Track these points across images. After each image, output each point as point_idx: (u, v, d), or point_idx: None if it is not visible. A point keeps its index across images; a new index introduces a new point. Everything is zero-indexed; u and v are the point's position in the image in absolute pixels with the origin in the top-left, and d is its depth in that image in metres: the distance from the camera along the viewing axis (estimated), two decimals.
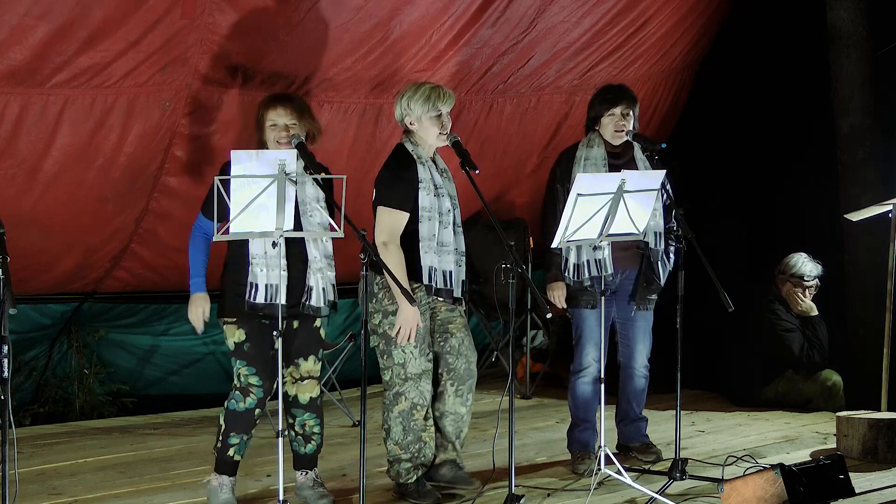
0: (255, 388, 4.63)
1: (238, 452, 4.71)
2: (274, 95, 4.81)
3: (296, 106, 4.69)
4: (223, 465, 4.72)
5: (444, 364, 4.87)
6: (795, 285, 6.75)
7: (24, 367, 6.56)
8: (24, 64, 4.98)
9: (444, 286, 4.75)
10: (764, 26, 7.51)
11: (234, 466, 4.74)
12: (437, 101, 4.73)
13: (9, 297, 3.74)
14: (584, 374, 5.34)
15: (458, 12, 6.02)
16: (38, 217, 5.62)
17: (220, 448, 4.70)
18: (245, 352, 4.63)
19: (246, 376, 4.63)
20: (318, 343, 4.78)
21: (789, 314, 6.79)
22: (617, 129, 5.25)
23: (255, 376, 4.63)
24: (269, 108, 4.66)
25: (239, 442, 4.69)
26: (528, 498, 4.78)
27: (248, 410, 4.65)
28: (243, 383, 4.64)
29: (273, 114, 4.64)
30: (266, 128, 4.65)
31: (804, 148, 7.29)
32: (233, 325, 4.63)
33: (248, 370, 4.63)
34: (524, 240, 7.49)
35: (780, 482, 4.38)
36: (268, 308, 4.55)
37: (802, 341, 6.72)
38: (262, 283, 4.54)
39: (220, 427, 4.71)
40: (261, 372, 4.63)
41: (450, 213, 4.77)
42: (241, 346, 4.63)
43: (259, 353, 4.62)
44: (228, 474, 4.72)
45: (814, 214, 7.13)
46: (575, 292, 5.29)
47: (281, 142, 4.60)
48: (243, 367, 4.63)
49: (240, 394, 4.64)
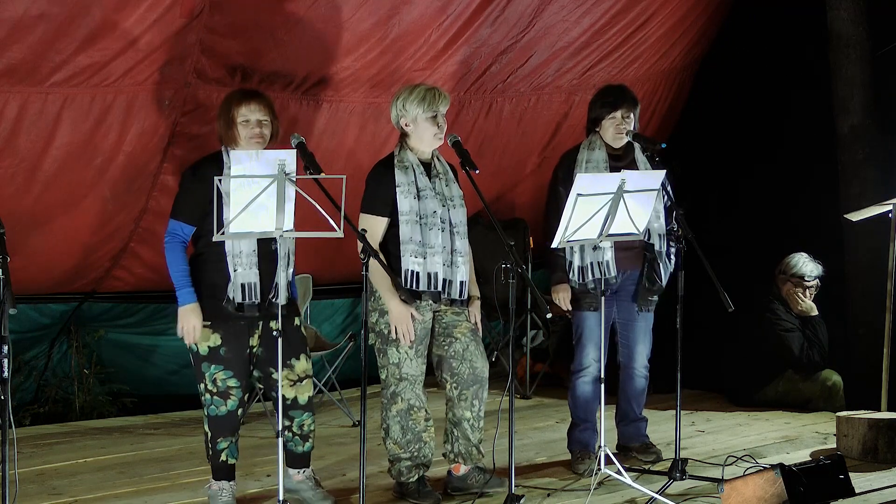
0: (234, 389, 4.60)
1: (230, 456, 4.68)
2: (244, 90, 4.70)
3: (267, 102, 4.60)
4: (219, 471, 4.70)
5: (447, 369, 4.86)
6: (796, 285, 6.75)
7: (24, 366, 6.56)
8: (23, 62, 4.98)
9: (430, 288, 4.73)
10: (764, 26, 7.51)
11: (230, 470, 4.71)
12: (433, 101, 4.72)
13: (9, 297, 3.73)
14: (584, 373, 5.33)
15: (457, 11, 6.02)
16: (38, 216, 5.62)
17: (212, 455, 4.68)
18: (222, 356, 4.56)
19: (224, 380, 4.57)
20: (304, 340, 4.75)
21: (789, 314, 6.79)
22: (618, 133, 5.25)
23: (232, 379, 4.58)
24: (241, 104, 4.54)
25: (228, 445, 4.66)
26: (528, 498, 4.78)
27: (231, 413, 4.62)
28: (221, 388, 4.58)
29: (245, 109, 4.52)
30: (237, 123, 4.53)
31: (804, 148, 7.28)
32: (206, 329, 4.55)
33: (226, 374, 4.57)
34: (524, 240, 7.49)
35: (780, 482, 4.38)
36: (249, 309, 4.49)
37: (802, 341, 6.72)
38: (238, 281, 4.48)
39: (206, 434, 4.68)
40: (238, 374, 4.59)
41: (436, 214, 4.73)
42: (217, 351, 4.56)
43: (236, 357, 4.57)
44: (226, 479, 4.70)
45: (814, 214, 7.13)
46: (579, 295, 5.28)
47: (253, 139, 4.51)
48: (219, 371, 4.57)
49: (219, 398, 4.59)
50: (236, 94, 4.64)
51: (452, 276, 4.78)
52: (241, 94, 4.61)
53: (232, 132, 4.56)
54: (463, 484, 4.96)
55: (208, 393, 4.60)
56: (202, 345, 4.56)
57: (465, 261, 4.85)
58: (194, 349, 4.58)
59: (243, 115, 4.53)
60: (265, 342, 4.64)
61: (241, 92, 4.67)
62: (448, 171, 4.90)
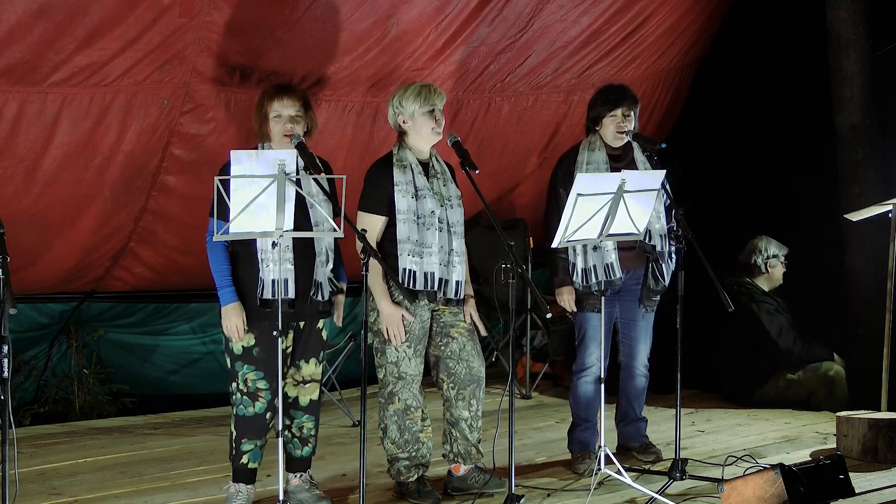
0: (263, 391, 4.58)
1: (253, 460, 4.65)
2: (279, 86, 4.69)
3: (300, 96, 4.60)
4: (238, 473, 4.68)
5: (444, 368, 4.86)
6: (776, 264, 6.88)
7: (24, 366, 6.56)
8: (22, 62, 4.98)
9: (426, 287, 4.73)
10: (763, 26, 7.51)
11: (251, 475, 4.69)
12: (429, 95, 4.73)
13: (9, 296, 3.72)
14: (586, 373, 5.33)
15: (456, 11, 6.02)
16: (37, 216, 5.61)
17: (234, 456, 4.66)
18: (255, 357, 4.55)
19: (254, 381, 4.56)
20: (320, 345, 4.74)
21: (766, 295, 6.84)
22: (619, 131, 5.24)
23: (262, 380, 4.57)
24: (273, 99, 4.55)
25: (252, 448, 4.63)
26: (528, 498, 4.78)
27: (259, 415, 4.60)
28: (251, 388, 4.57)
29: (278, 104, 4.54)
30: (270, 119, 4.54)
31: (804, 148, 7.28)
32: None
33: (257, 374, 4.56)
34: (524, 240, 7.49)
35: (780, 482, 4.37)
36: (280, 305, 4.44)
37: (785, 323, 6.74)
38: (268, 278, 4.46)
39: (231, 434, 4.66)
40: (268, 376, 4.56)
41: (434, 214, 4.73)
42: (251, 352, 4.55)
43: (268, 358, 4.54)
44: (245, 482, 4.68)
45: (814, 214, 7.13)
46: (582, 296, 5.28)
47: (286, 133, 4.51)
48: (251, 371, 4.56)
49: (248, 399, 4.58)
50: (270, 89, 4.64)
51: (449, 275, 4.78)
52: (275, 90, 4.60)
53: (265, 128, 4.56)
54: (463, 484, 4.95)
55: (239, 392, 4.58)
56: (237, 344, 4.55)
57: (462, 260, 4.84)
58: (230, 347, 4.58)
59: (276, 111, 4.53)
60: (296, 339, 4.63)
61: (275, 87, 4.66)
62: (446, 171, 4.89)
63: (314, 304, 4.58)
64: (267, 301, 4.47)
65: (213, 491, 5.05)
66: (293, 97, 4.56)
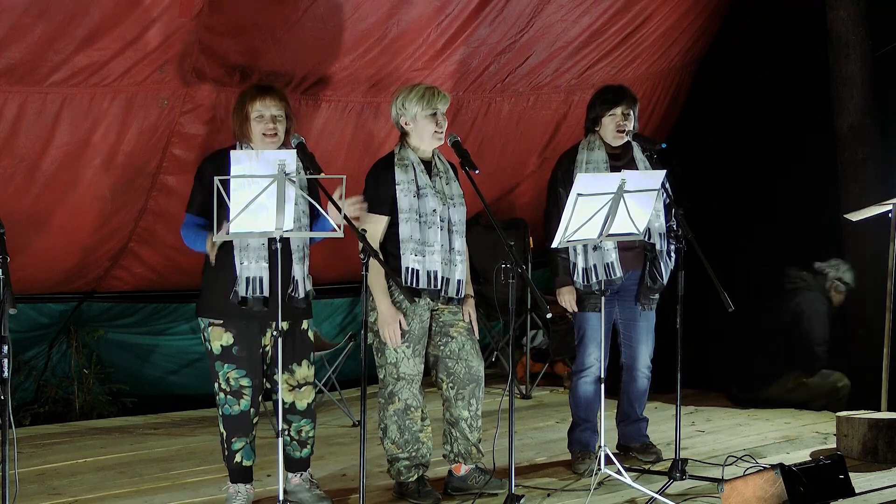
0: (246, 388, 4.59)
1: (245, 458, 4.66)
2: (260, 86, 4.65)
3: (281, 97, 4.57)
4: (235, 473, 4.68)
5: (443, 368, 4.86)
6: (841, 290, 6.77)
7: (24, 366, 6.55)
8: (22, 62, 4.97)
9: (429, 286, 4.73)
10: (763, 26, 7.51)
11: (246, 473, 4.69)
12: (432, 99, 4.72)
13: (9, 296, 3.73)
14: (586, 373, 5.33)
15: (456, 11, 6.02)
16: (37, 216, 5.61)
17: (227, 456, 4.67)
18: (234, 355, 4.56)
19: (236, 379, 4.57)
20: (308, 346, 4.73)
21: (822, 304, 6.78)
22: (618, 130, 5.24)
23: (245, 378, 4.58)
24: (255, 99, 4.50)
25: (243, 446, 4.64)
26: (528, 498, 4.78)
27: (244, 413, 4.61)
28: (234, 387, 4.58)
29: (260, 104, 4.50)
30: (252, 119, 4.50)
31: (804, 148, 7.28)
32: (219, 328, 4.55)
33: (238, 373, 4.57)
34: (524, 240, 7.48)
35: (780, 482, 4.37)
36: (254, 303, 4.47)
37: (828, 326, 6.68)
38: (244, 275, 4.46)
39: (221, 435, 4.67)
40: (250, 373, 4.58)
41: (435, 212, 4.73)
42: (230, 350, 4.56)
43: (248, 356, 4.56)
44: (243, 482, 4.69)
45: (814, 214, 7.13)
46: (582, 296, 5.28)
47: (267, 134, 4.49)
48: (232, 370, 4.57)
49: (232, 397, 4.59)
50: (251, 89, 4.60)
51: (450, 274, 4.78)
52: (256, 90, 4.57)
53: (246, 127, 4.53)
54: (463, 484, 4.95)
55: (222, 392, 4.59)
56: (215, 343, 4.56)
57: (463, 259, 4.85)
58: (210, 349, 4.57)
59: (258, 111, 4.50)
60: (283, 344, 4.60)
61: (255, 87, 4.63)
62: (448, 170, 4.89)
63: (295, 301, 4.56)
64: (245, 299, 4.48)
65: (213, 491, 5.05)
66: (275, 97, 4.53)
